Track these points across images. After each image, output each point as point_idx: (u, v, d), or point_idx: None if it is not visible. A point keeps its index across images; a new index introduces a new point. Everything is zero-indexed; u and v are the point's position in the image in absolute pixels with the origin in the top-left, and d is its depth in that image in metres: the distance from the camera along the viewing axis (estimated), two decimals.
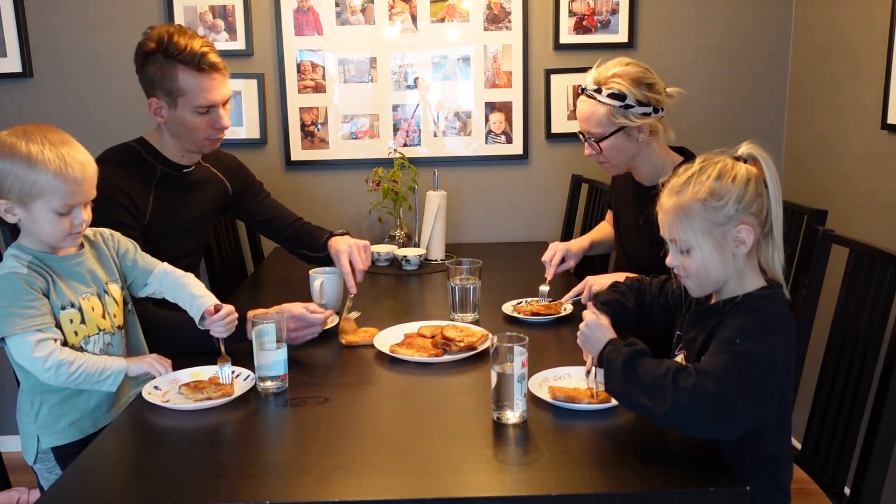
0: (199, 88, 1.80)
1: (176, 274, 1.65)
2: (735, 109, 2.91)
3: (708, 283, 1.31)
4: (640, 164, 1.95)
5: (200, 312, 1.57)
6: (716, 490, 1.07)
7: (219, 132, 1.89)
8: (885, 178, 2.27)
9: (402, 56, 2.85)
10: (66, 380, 1.42)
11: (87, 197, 1.47)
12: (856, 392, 1.50)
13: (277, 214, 2.20)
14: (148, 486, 1.13)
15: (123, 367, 1.48)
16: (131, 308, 1.64)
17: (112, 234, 1.64)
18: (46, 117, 2.81)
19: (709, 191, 1.26)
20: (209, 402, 1.39)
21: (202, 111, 1.83)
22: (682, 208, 1.28)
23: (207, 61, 1.79)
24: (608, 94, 1.83)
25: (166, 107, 1.82)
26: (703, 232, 1.27)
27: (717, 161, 1.30)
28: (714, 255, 1.27)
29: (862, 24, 2.38)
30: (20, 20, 2.75)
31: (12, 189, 1.41)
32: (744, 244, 1.26)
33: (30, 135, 1.42)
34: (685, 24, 2.85)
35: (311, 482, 1.12)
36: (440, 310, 1.97)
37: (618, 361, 1.23)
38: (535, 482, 1.10)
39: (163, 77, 1.79)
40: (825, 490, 1.55)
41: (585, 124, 1.90)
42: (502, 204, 2.98)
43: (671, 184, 1.32)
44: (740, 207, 1.25)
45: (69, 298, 1.47)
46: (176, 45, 1.76)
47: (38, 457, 1.53)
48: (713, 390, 1.13)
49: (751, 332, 1.20)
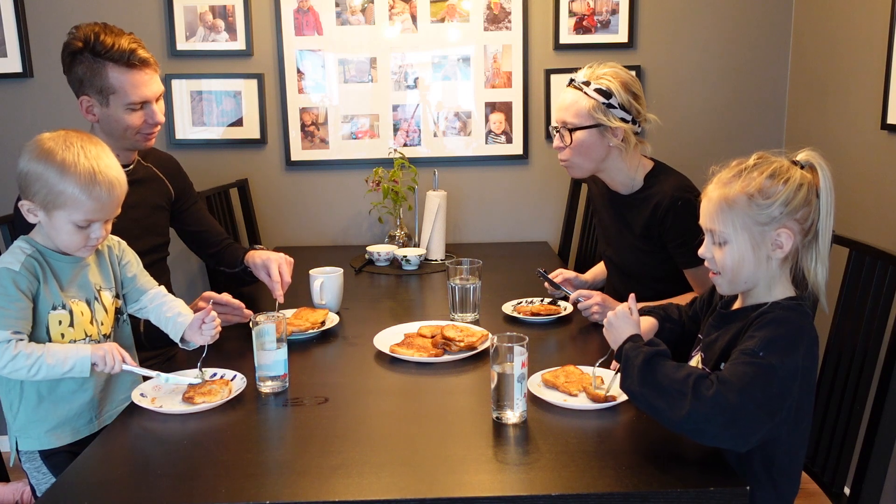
0: (131, 85, 1.79)
1: (167, 298, 1.64)
2: (735, 109, 2.91)
3: (738, 282, 1.29)
4: (607, 170, 1.93)
5: (182, 329, 1.56)
6: (716, 490, 1.07)
7: (152, 127, 1.87)
8: (885, 178, 2.27)
9: (402, 56, 2.85)
10: (27, 372, 1.38)
11: (109, 215, 1.47)
12: (856, 392, 1.50)
13: (208, 228, 2.16)
14: (148, 486, 1.13)
15: (87, 354, 1.42)
16: (126, 318, 1.63)
17: (119, 243, 1.64)
18: (46, 117, 2.81)
19: (758, 187, 1.24)
20: (210, 403, 1.39)
21: (135, 107, 1.81)
22: (727, 200, 1.26)
23: (137, 57, 1.78)
24: (595, 88, 1.84)
25: (98, 105, 1.81)
26: (742, 227, 1.25)
27: (773, 160, 1.28)
28: (749, 254, 1.25)
29: (862, 24, 2.38)
30: (20, 20, 2.75)
31: (39, 193, 1.41)
32: (781, 248, 1.24)
33: (69, 143, 1.41)
34: (685, 24, 2.85)
35: (311, 482, 1.12)
36: (440, 310, 1.97)
37: (637, 360, 1.20)
38: (535, 482, 1.10)
39: (92, 76, 1.78)
40: (825, 490, 1.55)
41: (564, 113, 1.88)
42: (502, 204, 2.98)
43: (720, 175, 1.30)
44: (786, 211, 1.23)
45: (61, 299, 1.47)
46: (103, 43, 1.76)
47: (23, 458, 1.53)
48: (734, 402, 1.11)
49: (775, 345, 1.18)
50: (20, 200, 1.45)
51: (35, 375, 1.40)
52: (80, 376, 1.44)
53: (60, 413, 1.50)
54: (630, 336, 1.28)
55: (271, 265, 1.93)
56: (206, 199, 2.53)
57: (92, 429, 1.53)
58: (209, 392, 1.41)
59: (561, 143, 1.91)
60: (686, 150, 2.88)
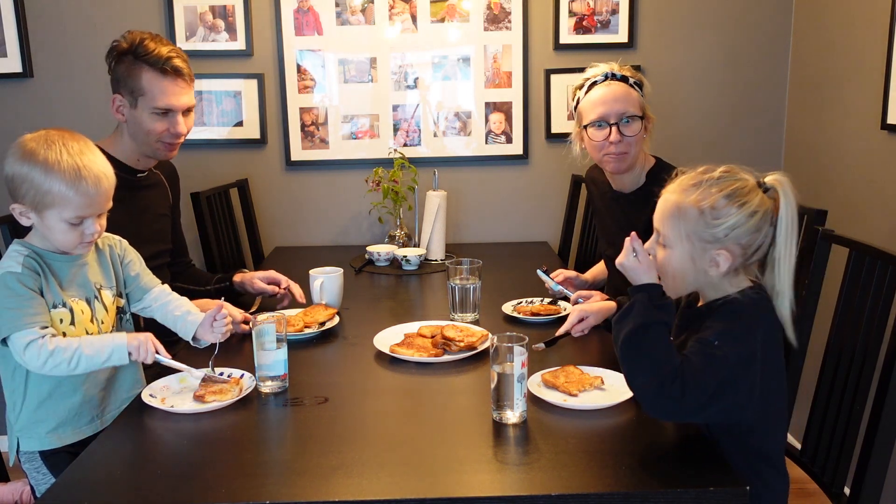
0: (160, 90, 1.84)
1: (172, 296, 1.64)
2: (735, 109, 2.91)
3: (679, 287, 1.32)
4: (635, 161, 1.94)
5: (194, 327, 1.56)
6: (716, 490, 1.07)
7: (175, 137, 1.90)
8: (885, 178, 2.27)
9: (402, 56, 2.85)
10: (67, 366, 1.39)
11: (99, 209, 1.46)
12: (855, 392, 1.50)
13: (179, 242, 2.18)
14: (148, 486, 1.13)
15: (123, 342, 1.43)
16: (129, 318, 1.63)
17: (121, 242, 1.64)
18: (46, 117, 2.81)
19: (711, 204, 1.24)
20: (222, 402, 1.39)
21: (159, 113, 1.86)
22: (679, 207, 1.27)
23: (172, 65, 1.84)
24: (634, 81, 1.87)
25: (127, 105, 1.86)
26: (686, 237, 1.27)
27: (738, 179, 1.27)
28: (689, 263, 1.28)
29: (862, 24, 2.38)
30: (20, 20, 2.75)
31: (27, 195, 1.41)
32: (717, 267, 1.26)
33: (50, 141, 1.41)
34: (685, 24, 2.85)
35: (311, 482, 1.12)
36: (440, 310, 1.97)
37: (640, 316, 1.21)
38: (535, 482, 1.10)
39: (128, 76, 1.84)
40: (825, 490, 1.55)
41: (623, 104, 1.84)
42: (502, 204, 2.98)
43: (682, 179, 1.31)
44: (731, 234, 1.24)
45: (61, 297, 1.47)
46: (146, 47, 1.83)
47: (23, 458, 1.53)
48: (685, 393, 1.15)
49: (730, 335, 1.21)
50: (11, 204, 1.45)
51: (76, 368, 1.40)
52: (120, 364, 1.44)
53: (62, 412, 1.50)
54: (646, 285, 1.27)
55: (273, 275, 2.03)
56: (207, 199, 2.54)
57: (94, 428, 1.53)
58: (220, 391, 1.41)
59: (626, 134, 1.85)
60: (686, 149, 2.88)
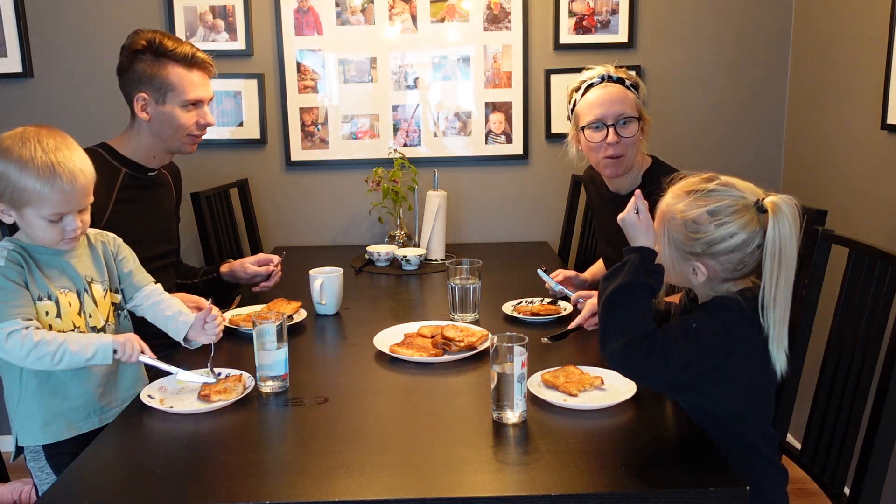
0: (189, 83, 1.86)
1: (164, 296, 1.64)
2: (735, 109, 2.91)
3: (669, 279, 1.34)
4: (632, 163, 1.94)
5: (185, 328, 1.56)
6: (716, 490, 1.07)
7: (202, 129, 1.94)
8: (885, 178, 2.27)
9: (402, 56, 2.85)
10: (51, 360, 1.38)
11: (77, 206, 1.45)
12: (856, 392, 1.50)
13: None
14: (148, 486, 1.13)
15: (108, 341, 1.43)
16: (126, 315, 1.63)
17: (115, 239, 1.64)
18: (46, 117, 2.81)
19: (694, 217, 1.27)
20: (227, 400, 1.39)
21: (190, 105, 1.88)
22: (668, 213, 1.31)
23: (198, 58, 1.87)
24: (630, 83, 1.88)
25: (153, 103, 1.86)
26: (670, 242, 1.31)
27: (728, 195, 1.26)
28: (671, 264, 1.31)
29: (862, 24, 2.38)
30: (20, 20, 2.75)
31: (5, 193, 1.41)
32: (696, 276, 1.29)
33: (26, 138, 1.41)
34: (685, 25, 2.85)
35: (311, 482, 1.12)
36: (440, 310, 1.97)
37: (629, 275, 1.24)
38: (535, 482, 1.10)
39: (152, 74, 1.84)
40: (825, 490, 1.55)
41: (620, 105, 1.86)
42: (502, 204, 2.98)
43: (682, 183, 1.33)
44: (707, 251, 1.26)
45: (47, 289, 1.46)
46: (165, 45, 1.84)
47: (28, 456, 1.52)
48: (654, 348, 1.20)
49: (709, 322, 1.25)
50: None
51: (59, 363, 1.40)
52: (104, 363, 1.44)
53: (56, 407, 1.49)
54: (642, 248, 1.29)
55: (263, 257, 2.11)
56: (207, 199, 2.54)
57: (92, 425, 1.52)
58: (225, 390, 1.41)
59: (623, 135, 1.85)
60: (686, 150, 2.88)
